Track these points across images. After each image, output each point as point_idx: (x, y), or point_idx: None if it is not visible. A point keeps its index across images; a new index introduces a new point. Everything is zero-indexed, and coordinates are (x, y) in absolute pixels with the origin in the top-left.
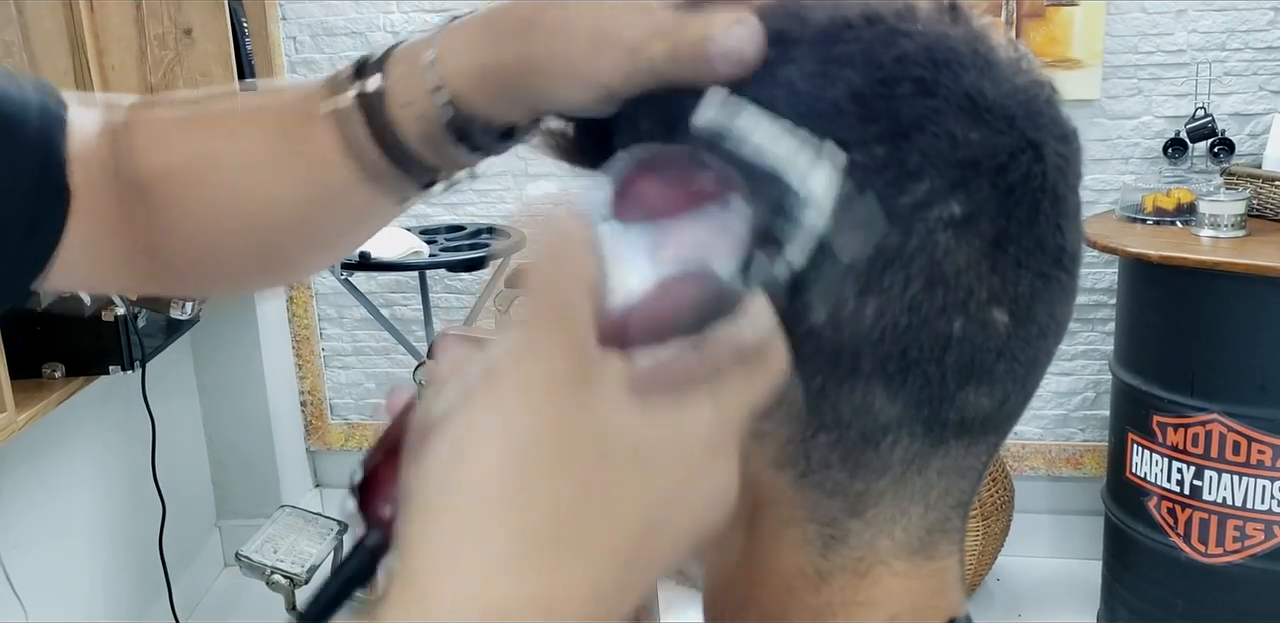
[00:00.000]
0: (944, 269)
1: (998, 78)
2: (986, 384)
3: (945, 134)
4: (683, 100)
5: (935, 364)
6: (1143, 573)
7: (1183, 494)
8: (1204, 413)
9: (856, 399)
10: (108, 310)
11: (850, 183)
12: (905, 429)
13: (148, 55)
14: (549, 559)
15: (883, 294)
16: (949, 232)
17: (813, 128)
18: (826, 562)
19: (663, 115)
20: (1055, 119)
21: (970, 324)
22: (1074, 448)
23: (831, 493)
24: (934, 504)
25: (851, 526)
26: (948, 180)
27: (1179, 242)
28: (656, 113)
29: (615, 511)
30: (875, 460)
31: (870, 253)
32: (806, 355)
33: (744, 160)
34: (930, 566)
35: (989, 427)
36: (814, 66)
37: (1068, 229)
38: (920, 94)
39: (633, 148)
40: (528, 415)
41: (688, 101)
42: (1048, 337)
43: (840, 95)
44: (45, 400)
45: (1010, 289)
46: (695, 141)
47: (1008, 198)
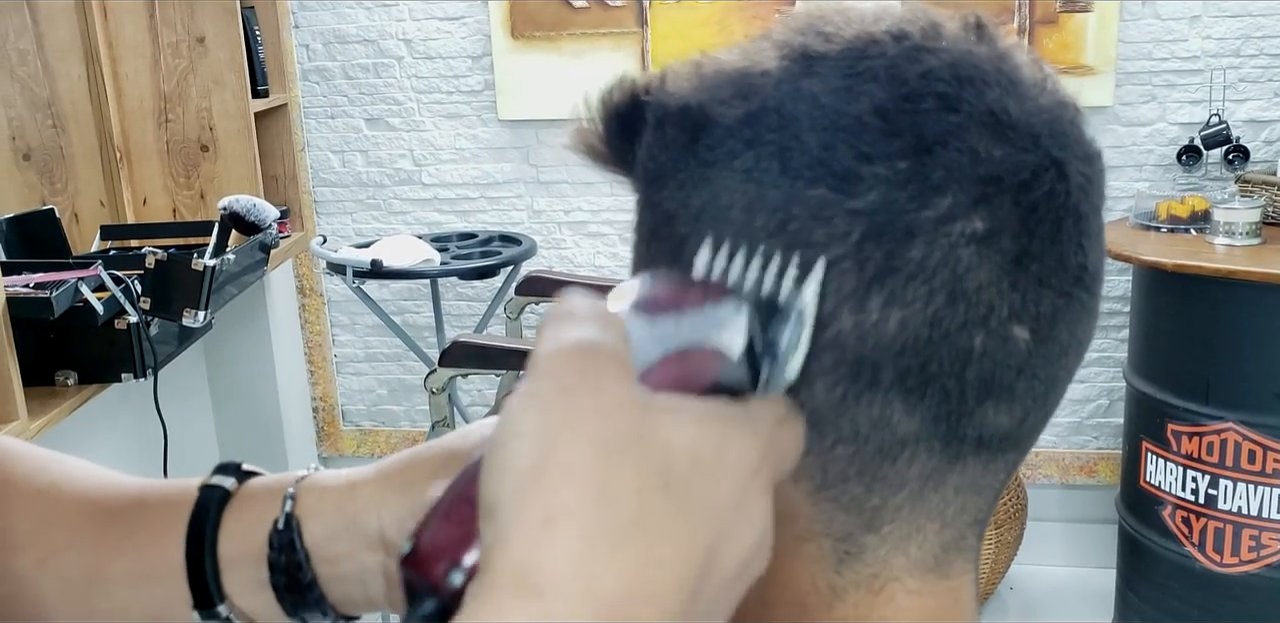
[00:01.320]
0: (966, 284)
1: (1022, 96)
2: (1006, 402)
3: (968, 150)
4: (706, 106)
5: (955, 380)
6: (1157, 583)
7: (1197, 504)
8: (1219, 422)
9: (875, 412)
10: (120, 319)
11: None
12: (923, 444)
13: (161, 63)
14: (641, 552)
15: (906, 307)
16: (971, 246)
17: (836, 141)
18: (841, 578)
19: (688, 122)
20: (1080, 139)
21: (991, 340)
22: (1088, 456)
23: (847, 507)
24: (950, 522)
25: (867, 541)
26: (970, 195)
27: (1193, 249)
28: (682, 121)
29: (688, 512)
30: (892, 475)
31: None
32: (827, 366)
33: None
34: (945, 584)
35: (1007, 445)
36: (839, 81)
37: (1090, 248)
38: (944, 109)
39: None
40: (602, 422)
41: (711, 108)
42: (1068, 355)
43: (864, 110)
44: (58, 408)
45: (1031, 307)
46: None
47: (1030, 215)
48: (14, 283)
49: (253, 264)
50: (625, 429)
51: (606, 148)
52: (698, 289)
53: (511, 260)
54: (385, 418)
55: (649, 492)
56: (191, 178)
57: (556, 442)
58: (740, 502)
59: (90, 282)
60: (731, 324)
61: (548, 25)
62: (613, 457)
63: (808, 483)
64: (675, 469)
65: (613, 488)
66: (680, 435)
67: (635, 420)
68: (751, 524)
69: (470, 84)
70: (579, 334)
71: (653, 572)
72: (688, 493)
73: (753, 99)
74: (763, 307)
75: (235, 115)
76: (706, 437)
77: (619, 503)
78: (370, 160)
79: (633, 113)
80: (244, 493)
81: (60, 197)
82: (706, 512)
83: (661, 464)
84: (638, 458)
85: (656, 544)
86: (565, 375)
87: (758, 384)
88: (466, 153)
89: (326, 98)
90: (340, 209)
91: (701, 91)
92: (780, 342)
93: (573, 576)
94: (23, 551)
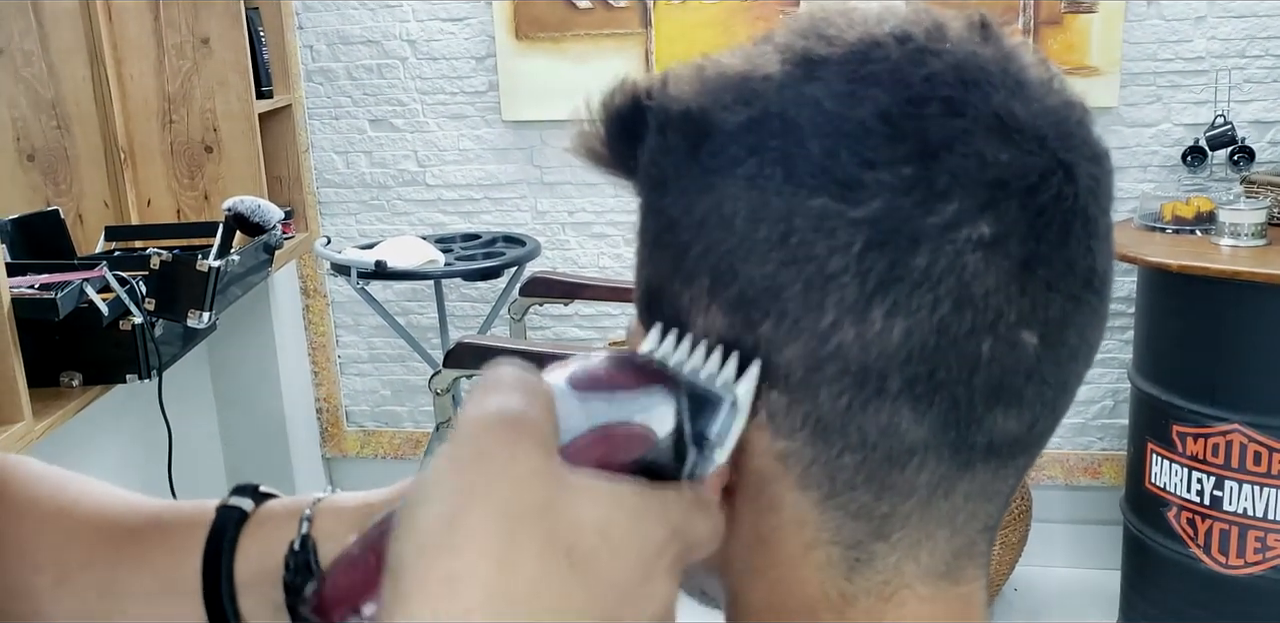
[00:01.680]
0: (973, 290)
1: (1028, 98)
2: (1015, 407)
3: (974, 154)
4: (708, 111)
5: (963, 386)
6: (1162, 584)
7: (1203, 505)
8: (1225, 423)
9: (883, 420)
10: (125, 320)
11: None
12: (932, 452)
13: (165, 65)
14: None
15: (911, 315)
16: (978, 252)
17: (839, 147)
18: (851, 585)
19: (690, 128)
20: (1087, 140)
21: (999, 346)
22: (1093, 457)
23: (857, 515)
24: (960, 528)
25: (877, 548)
26: (977, 201)
27: (1198, 250)
28: (684, 126)
29: (588, 585)
30: (901, 483)
31: (897, 274)
32: (832, 375)
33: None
34: (956, 590)
35: (1017, 450)
36: (842, 86)
37: (1099, 251)
38: (949, 114)
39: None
40: (513, 490)
41: (714, 113)
42: (1078, 360)
43: (868, 115)
44: (63, 409)
45: (1040, 312)
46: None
47: (1038, 219)
48: (19, 284)
49: (257, 265)
50: (535, 499)
51: (608, 151)
52: (633, 370)
53: (515, 261)
54: (389, 419)
55: (551, 562)
56: (196, 179)
57: (465, 506)
58: (645, 580)
59: (95, 283)
60: (661, 408)
61: (551, 26)
62: (519, 524)
63: (816, 491)
64: (581, 543)
65: (515, 555)
66: (590, 511)
67: (546, 491)
68: (654, 602)
69: (474, 85)
70: (503, 403)
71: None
72: (590, 567)
73: (755, 104)
74: (698, 394)
75: (239, 116)
76: (615, 515)
77: (520, 569)
78: (374, 161)
79: (634, 116)
80: (261, 514)
81: (65, 198)
82: (607, 587)
83: (568, 537)
84: (544, 528)
85: (553, 613)
86: (483, 442)
87: (683, 467)
88: (470, 154)
89: (331, 99)
90: (344, 210)
91: (703, 96)
92: (710, 431)
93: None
94: (41, 569)
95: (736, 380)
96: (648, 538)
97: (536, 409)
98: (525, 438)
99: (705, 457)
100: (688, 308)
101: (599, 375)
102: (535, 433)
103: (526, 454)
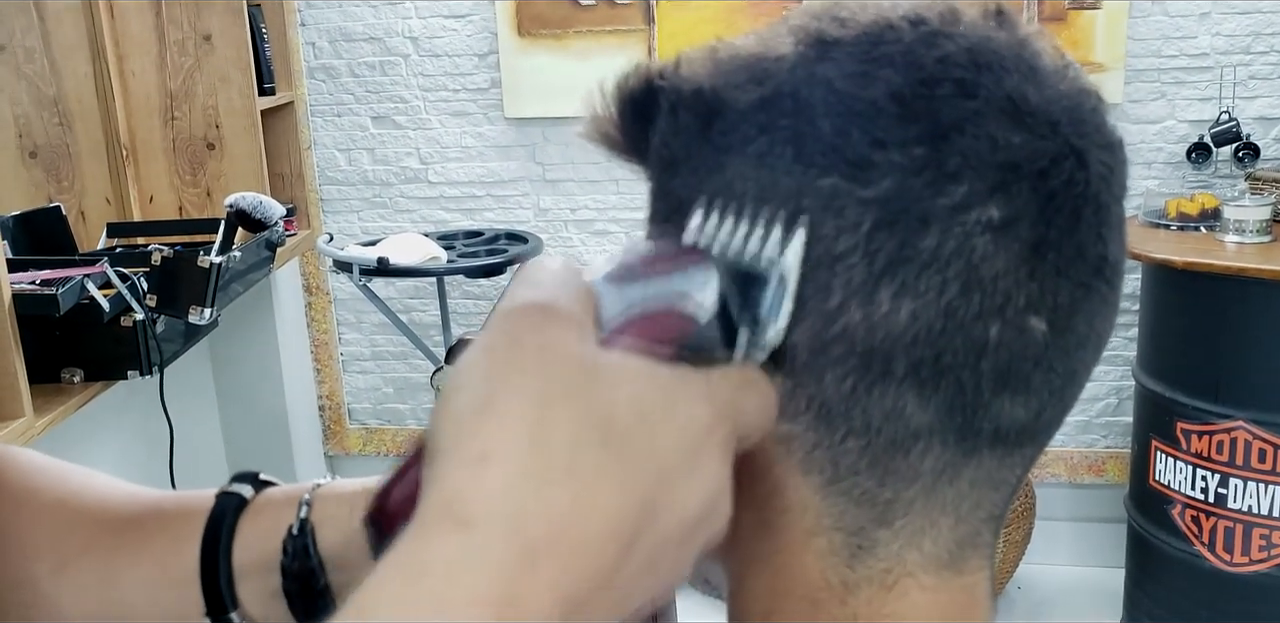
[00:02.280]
0: (981, 273)
1: (1041, 83)
2: (1022, 394)
3: (986, 136)
4: (720, 90)
5: (970, 371)
6: (1166, 582)
7: (1207, 503)
8: (1229, 420)
9: (887, 404)
10: (126, 316)
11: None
12: (937, 437)
13: (167, 61)
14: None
15: (918, 297)
16: (987, 235)
17: (850, 127)
18: (853, 573)
19: (702, 107)
20: (1100, 127)
21: (1007, 331)
22: (1096, 455)
23: (859, 501)
24: (965, 517)
25: (879, 536)
26: (987, 183)
27: (1203, 247)
28: (696, 105)
29: (625, 462)
30: (905, 469)
31: (905, 255)
32: (837, 357)
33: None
34: (959, 580)
35: (1024, 438)
36: (854, 66)
37: (1110, 239)
38: (961, 95)
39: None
40: (546, 371)
41: (726, 92)
42: (1086, 348)
43: (879, 95)
44: (64, 406)
45: (1049, 297)
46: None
47: (1049, 203)
48: (20, 280)
49: (259, 262)
50: (567, 381)
51: (621, 135)
52: (670, 255)
53: (517, 258)
54: (391, 416)
55: (585, 439)
56: (198, 176)
57: (497, 388)
58: (688, 460)
59: (96, 279)
60: (702, 287)
61: (554, 23)
62: (552, 403)
63: (818, 476)
64: (616, 421)
65: (548, 432)
66: (625, 391)
67: (579, 373)
68: (701, 484)
69: (476, 82)
70: (536, 294)
71: (583, 514)
72: (627, 444)
73: (767, 84)
74: (742, 271)
75: (241, 113)
76: (653, 394)
77: (553, 446)
78: (376, 158)
79: (647, 98)
80: (260, 501)
81: (67, 194)
82: (646, 464)
83: (602, 415)
84: (578, 407)
85: (588, 489)
86: (515, 329)
87: (734, 349)
88: (473, 151)
89: (333, 95)
90: (347, 207)
91: (716, 76)
92: (760, 307)
93: (499, 510)
94: (41, 558)
95: (781, 254)
96: (690, 417)
97: (569, 297)
98: (557, 323)
99: (758, 336)
100: None
101: (636, 265)
102: (568, 319)
103: (558, 338)
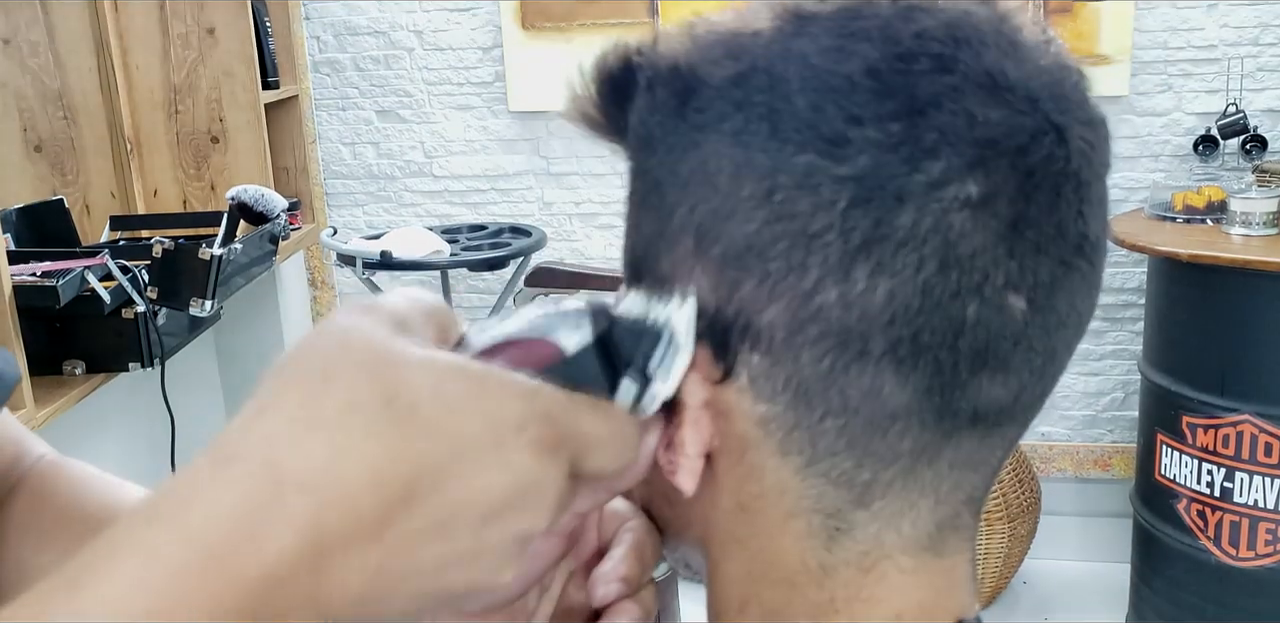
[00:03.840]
0: (959, 251)
1: (1021, 58)
2: (1001, 373)
3: (963, 112)
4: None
5: (948, 350)
6: (1172, 577)
7: (1213, 497)
8: (1235, 414)
9: (865, 384)
10: (128, 308)
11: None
12: (915, 417)
13: (171, 55)
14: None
15: (895, 275)
16: (964, 212)
17: (826, 103)
18: (831, 555)
19: (678, 83)
20: (1082, 103)
21: (985, 309)
22: (1102, 449)
23: (837, 483)
24: (944, 499)
25: (857, 518)
26: (964, 159)
27: (1209, 240)
28: (672, 82)
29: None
30: (883, 449)
31: (881, 233)
32: (814, 336)
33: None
34: (939, 563)
35: (1004, 419)
36: (831, 41)
37: (1091, 216)
38: (938, 70)
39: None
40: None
41: (701, 68)
42: (1067, 328)
43: (855, 70)
44: (65, 398)
45: (1029, 275)
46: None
47: (1027, 180)
48: (21, 272)
49: (261, 255)
50: (360, 357)
51: (600, 114)
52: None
53: (521, 252)
54: None
55: (362, 403)
56: (202, 169)
57: (294, 357)
58: (489, 447)
59: (96, 271)
60: (575, 326)
61: (558, 16)
62: (337, 373)
63: (796, 458)
64: (403, 396)
65: (323, 393)
66: (426, 374)
67: (375, 353)
68: (504, 474)
69: (481, 75)
70: (380, 299)
71: (339, 462)
72: (413, 417)
73: (742, 59)
74: (634, 329)
75: (245, 106)
76: (459, 382)
77: (324, 404)
78: (381, 152)
79: (625, 76)
80: None
81: (71, 188)
82: (435, 438)
83: (388, 389)
84: (362, 378)
85: (350, 442)
86: (338, 317)
87: (615, 397)
88: (477, 145)
89: (337, 90)
90: (351, 201)
91: (692, 52)
92: (649, 365)
93: (257, 449)
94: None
95: (669, 317)
96: (498, 410)
97: (409, 306)
98: (373, 316)
99: (648, 391)
100: (671, 272)
101: (524, 311)
102: (389, 316)
103: (366, 326)
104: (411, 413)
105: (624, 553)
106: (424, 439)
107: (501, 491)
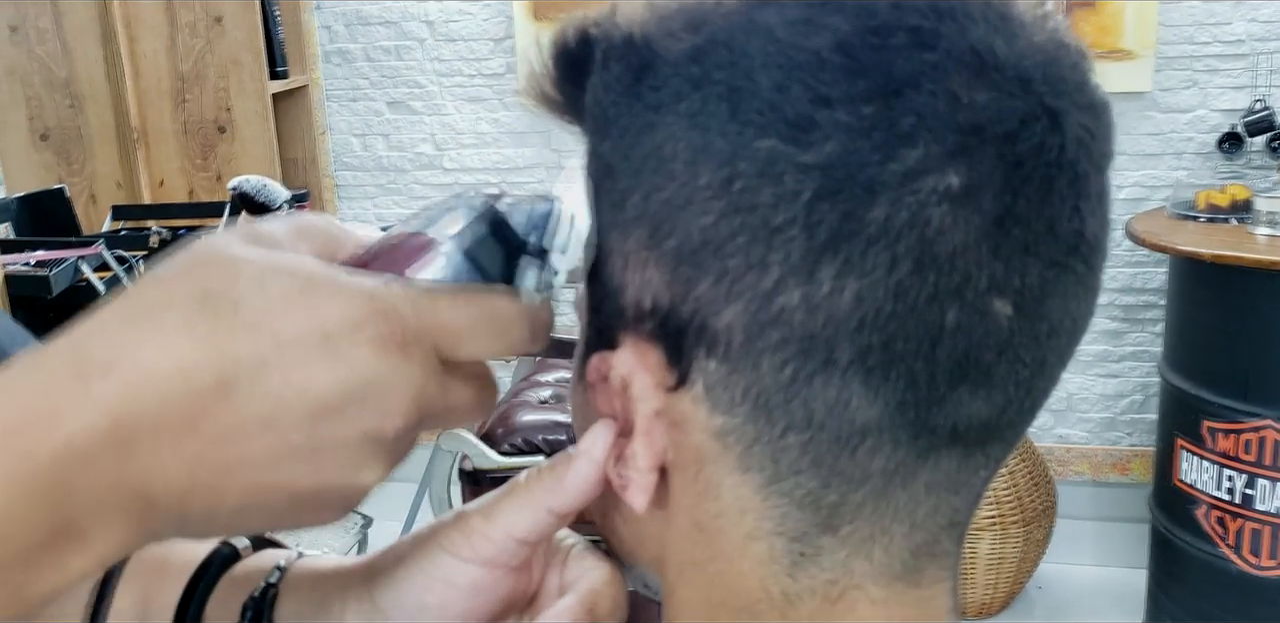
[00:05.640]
0: (936, 250)
1: (1013, 34)
2: (984, 387)
3: (945, 93)
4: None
5: (924, 360)
6: (1190, 585)
7: (1233, 504)
8: (1257, 419)
9: (831, 396)
10: None
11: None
12: (887, 434)
13: (178, 43)
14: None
15: (864, 276)
16: (944, 206)
17: (791, 82)
18: (794, 583)
19: (634, 58)
20: (1081, 86)
21: (966, 315)
22: (1120, 453)
23: (802, 504)
24: (921, 523)
25: (824, 543)
26: (945, 146)
27: (1233, 240)
28: (627, 56)
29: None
30: (852, 469)
31: (850, 229)
32: (775, 342)
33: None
34: (914, 593)
35: (987, 437)
36: (799, 12)
37: (1087, 213)
38: (917, 46)
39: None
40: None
41: (658, 40)
42: (1059, 336)
43: (824, 45)
44: None
45: (1015, 278)
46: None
47: (1016, 171)
48: (15, 260)
49: None
50: (193, 263)
51: (556, 92)
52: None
53: None
54: None
55: (179, 300)
56: (208, 159)
57: (145, 275)
58: (319, 343)
59: (92, 260)
60: (451, 217)
61: (570, 7)
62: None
63: (757, 475)
64: (227, 294)
65: (144, 295)
66: (255, 274)
67: (210, 259)
68: (338, 369)
69: (492, 67)
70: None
71: (145, 350)
72: (233, 312)
73: (701, 31)
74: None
75: (253, 96)
76: (288, 282)
77: (142, 302)
78: (392, 144)
79: (582, 50)
80: (255, 557)
81: (77, 177)
82: (256, 332)
83: (212, 288)
84: (188, 280)
85: (160, 332)
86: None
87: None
88: (488, 137)
89: (348, 80)
90: (362, 194)
91: (650, 22)
92: (545, 240)
93: (69, 343)
94: None
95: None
96: (330, 308)
97: (277, 225)
98: (237, 231)
99: (546, 267)
100: (623, 266)
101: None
102: (250, 231)
103: (215, 241)
104: (232, 310)
105: (571, 604)
106: (241, 334)
107: (331, 386)
